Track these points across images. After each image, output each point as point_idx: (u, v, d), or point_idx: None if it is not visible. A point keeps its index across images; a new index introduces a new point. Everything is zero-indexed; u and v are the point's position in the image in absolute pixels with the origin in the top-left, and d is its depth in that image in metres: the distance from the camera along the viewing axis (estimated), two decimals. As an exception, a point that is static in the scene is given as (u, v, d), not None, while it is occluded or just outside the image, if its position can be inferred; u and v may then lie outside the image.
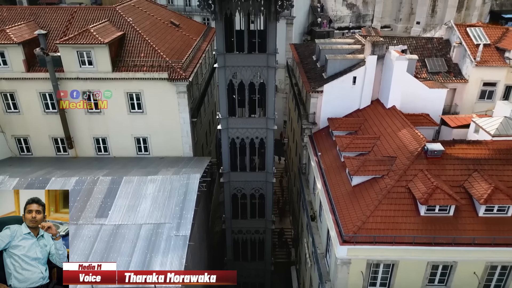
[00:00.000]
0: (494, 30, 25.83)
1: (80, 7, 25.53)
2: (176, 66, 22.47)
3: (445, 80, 24.53)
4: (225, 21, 19.39)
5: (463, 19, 49.35)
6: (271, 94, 20.78)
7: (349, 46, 26.41)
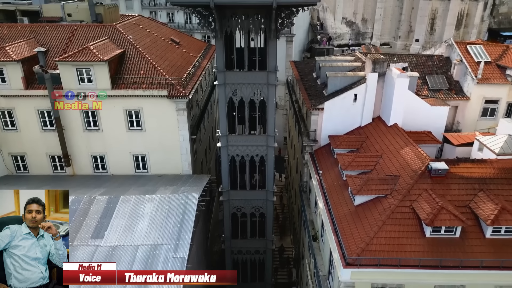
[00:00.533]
0: (495, 47, 25.83)
1: (80, 24, 25.55)
2: (176, 83, 22.34)
3: (446, 97, 24.37)
4: (225, 39, 19.34)
5: (462, 36, 49.74)
6: (271, 112, 20.57)
7: (350, 64, 26.36)
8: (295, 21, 18.70)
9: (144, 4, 47.73)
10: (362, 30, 55.50)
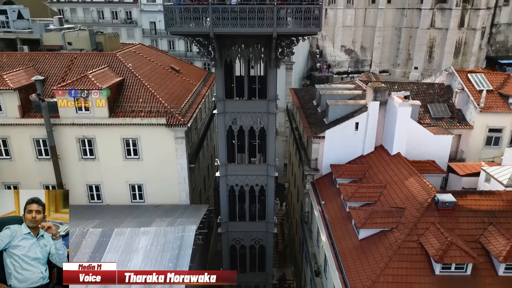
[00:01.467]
0: (496, 76, 25.74)
1: (80, 53, 25.56)
2: (175, 112, 22.04)
3: (449, 125, 24.03)
4: (225, 68, 19.16)
5: (460, 64, 50.13)
6: (271, 141, 20.15)
7: (350, 92, 26.21)
8: (295, 49, 18.60)
9: (145, 32, 48.35)
10: (361, 58, 56.07)
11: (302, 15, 15.30)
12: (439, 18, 49.23)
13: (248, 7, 15.05)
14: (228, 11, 15.17)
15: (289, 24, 15.90)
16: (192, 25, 15.82)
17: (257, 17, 15.27)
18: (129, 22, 48.42)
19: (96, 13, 49.20)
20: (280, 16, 15.35)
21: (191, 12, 15.37)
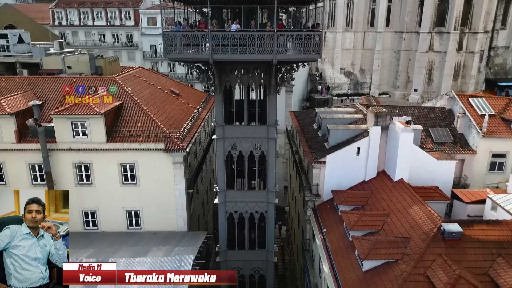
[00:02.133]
0: (497, 100, 25.60)
1: (80, 77, 25.50)
2: (174, 136, 21.74)
3: (452, 150, 23.68)
4: (224, 92, 18.99)
5: (459, 87, 50.24)
6: (271, 166, 19.78)
7: (351, 116, 25.98)
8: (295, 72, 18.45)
9: (146, 55, 48.70)
10: (360, 80, 56.29)
11: (302, 42, 15.19)
12: (437, 41, 49.68)
13: (248, 34, 14.95)
14: (227, 38, 15.07)
15: (289, 50, 15.78)
16: (192, 51, 15.69)
17: (257, 44, 15.15)
18: (130, 45, 48.86)
19: (98, 36, 49.74)
20: (280, 43, 15.22)
21: (190, 39, 15.26)
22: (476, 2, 47.69)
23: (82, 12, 50.01)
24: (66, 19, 50.83)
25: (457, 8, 47.17)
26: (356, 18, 54.04)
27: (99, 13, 49.24)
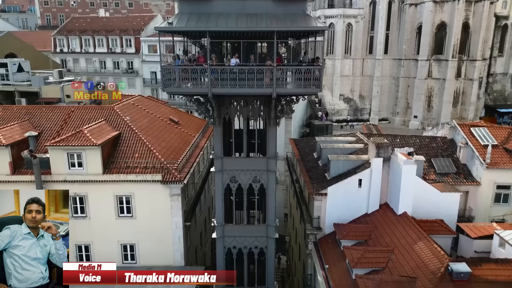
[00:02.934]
0: (499, 130, 25.31)
1: (78, 106, 25.31)
2: (171, 167, 21.31)
3: (455, 182, 23.20)
4: (223, 123, 18.69)
5: (459, 113, 50.25)
6: (271, 200, 19.25)
7: (351, 145, 25.68)
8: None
9: (146, 82, 48.92)
10: (360, 106, 56.39)
11: (302, 76, 15.00)
12: (435, 68, 50.05)
13: (247, 69, 14.78)
14: (227, 72, 14.88)
15: (289, 84, 15.58)
16: (190, 85, 15.48)
17: (256, 78, 14.95)
18: (130, 72, 49.13)
19: (98, 63, 50.10)
20: (279, 77, 15.03)
21: (189, 73, 15.08)
22: (474, 31, 48.33)
23: (84, 40, 50.59)
24: (67, 46, 51.37)
25: (454, 36, 47.76)
26: (354, 46, 54.67)
27: (101, 40, 49.81)
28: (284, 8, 15.12)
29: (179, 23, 14.53)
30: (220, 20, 14.63)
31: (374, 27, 53.98)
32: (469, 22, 48.05)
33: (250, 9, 15.03)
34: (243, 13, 14.95)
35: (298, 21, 14.87)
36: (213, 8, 15.17)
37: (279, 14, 14.96)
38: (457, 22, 47.39)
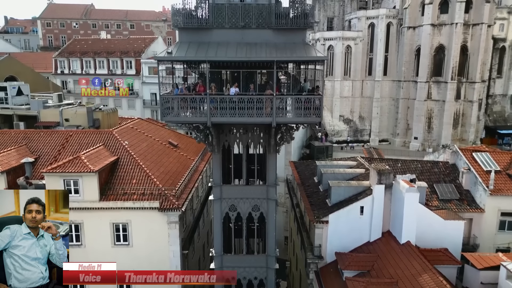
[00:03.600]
0: (501, 155, 25.05)
1: (76, 130, 25.13)
2: (169, 194, 20.96)
3: (459, 209, 22.79)
4: (222, 150, 18.44)
5: (460, 135, 50.07)
6: (271, 229, 18.81)
7: (352, 170, 25.37)
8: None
9: (146, 103, 48.95)
10: (360, 127, 56.27)
11: (302, 105, 14.82)
12: (435, 90, 50.16)
13: (247, 98, 14.62)
14: (226, 101, 14.72)
15: (289, 112, 15.39)
16: (189, 114, 15.29)
17: (256, 107, 14.77)
18: (130, 93, 49.25)
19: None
20: (279, 106, 14.85)
21: (188, 102, 14.91)
22: (472, 53, 48.66)
23: (85, 61, 50.91)
24: (68, 67, 51.66)
25: (453, 59, 48.04)
26: (354, 67, 54.98)
27: (101, 62, 50.12)
28: (284, 37, 15.08)
29: (178, 53, 14.46)
30: (219, 49, 14.57)
31: (373, 49, 54.41)
32: (467, 45, 48.43)
33: (250, 38, 15.01)
34: (242, 42, 14.91)
35: (297, 50, 14.81)
36: (212, 37, 15.15)
37: (278, 44, 14.92)
38: (455, 45, 47.76)
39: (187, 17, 14.93)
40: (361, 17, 54.42)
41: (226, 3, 14.74)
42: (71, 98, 47.40)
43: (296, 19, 14.79)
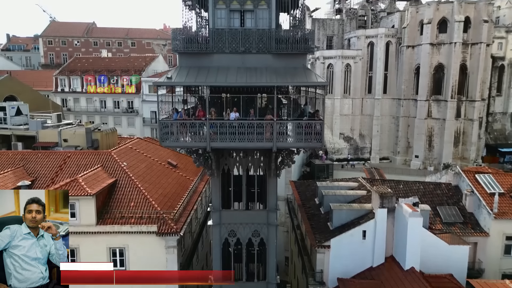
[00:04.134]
0: (505, 177, 24.74)
1: (74, 152, 24.88)
2: (167, 217, 20.55)
3: (463, 232, 22.34)
4: (222, 174, 18.12)
5: (461, 153, 49.87)
6: (272, 255, 18.33)
7: (354, 192, 25.03)
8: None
9: (146, 121, 48.85)
10: (360, 145, 56.10)
11: (303, 130, 14.59)
12: (435, 108, 50.20)
13: (247, 123, 14.40)
14: (226, 126, 14.50)
15: (290, 137, 15.16)
16: (188, 138, 15.05)
17: (256, 132, 14.54)
18: (130, 111, 49.18)
19: (99, 102, 50.24)
20: (280, 131, 14.63)
21: (187, 126, 14.70)
22: (471, 72, 48.89)
23: (85, 79, 51.02)
24: (69, 86, 51.73)
25: (452, 77, 48.23)
26: (353, 85, 55.19)
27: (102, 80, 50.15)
28: (284, 62, 14.98)
29: (178, 78, 14.33)
30: (220, 74, 14.44)
31: (373, 67, 54.74)
32: (467, 64, 48.69)
33: (250, 63, 14.90)
34: (243, 67, 14.79)
35: (298, 75, 14.68)
36: (213, 62, 15.04)
37: (279, 68, 14.80)
38: (454, 63, 48.02)
39: (187, 41, 14.85)
40: (360, 36, 54.93)
41: (226, 28, 14.69)
42: (71, 116, 47.43)
43: (297, 44, 14.70)
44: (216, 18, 14.79)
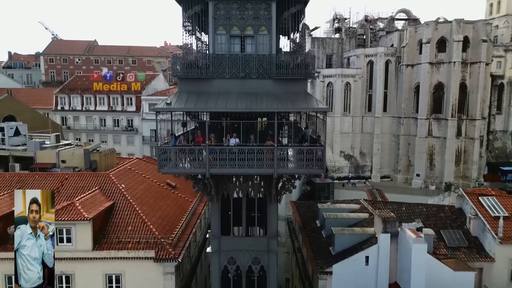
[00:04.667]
0: (509, 199, 24.30)
1: (72, 173, 24.54)
2: (165, 242, 20.07)
3: (468, 258, 21.79)
4: (221, 199, 17.76)
5: (462, 172, 49.52)
6: (273, 283, 17.84)
7: (356, 215, 24.59)
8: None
9: (145, 139, 48.64)
10: (361, 163, 55.79)
11: (304, 156, 14.32)
12: (435, 127, 50.09)
13: (247, 149, 14.13)
14: (226, 152, 14.23)
15: (291, 163, 14.87)
16: (187, 163, 14.76)
17: (257, 158, 14.26)
18: (129, 130, 49.03)
19: (99, 120, 50.15)
20: (280, 157, 14.36)
21: (186, 153, 14.43)
22: (471, 91, 48.98)
23: (85, 98, 51.08)
24: (69, 104, 51.74)
25: (452, 96, 48.29)
26: (353, 104, 55.24)
27: (102, 99, 50.21)
28: (285, 87, 14.84)
29: (177, 104, 14.14)
30: (220, 99, 14.26)
31: (372, 86, 54.90)
32: (466, 83, 48.82)
33: (250, 88, 14.74)
34: (243, 92, 14.62)
35: (299, 100, 14.51)
36: (213, 87, 14.89)
37: (279, 94, 14.64)
38: (454, 82, 48.14)
39: (187, 66, 14.73)
40: (360, 55, 55.28)
41: (226, 53, 14.59)
42: (70, 134, 47.25)
43: (297, 69, 14.58)
44: (216, 44, 14.71)
